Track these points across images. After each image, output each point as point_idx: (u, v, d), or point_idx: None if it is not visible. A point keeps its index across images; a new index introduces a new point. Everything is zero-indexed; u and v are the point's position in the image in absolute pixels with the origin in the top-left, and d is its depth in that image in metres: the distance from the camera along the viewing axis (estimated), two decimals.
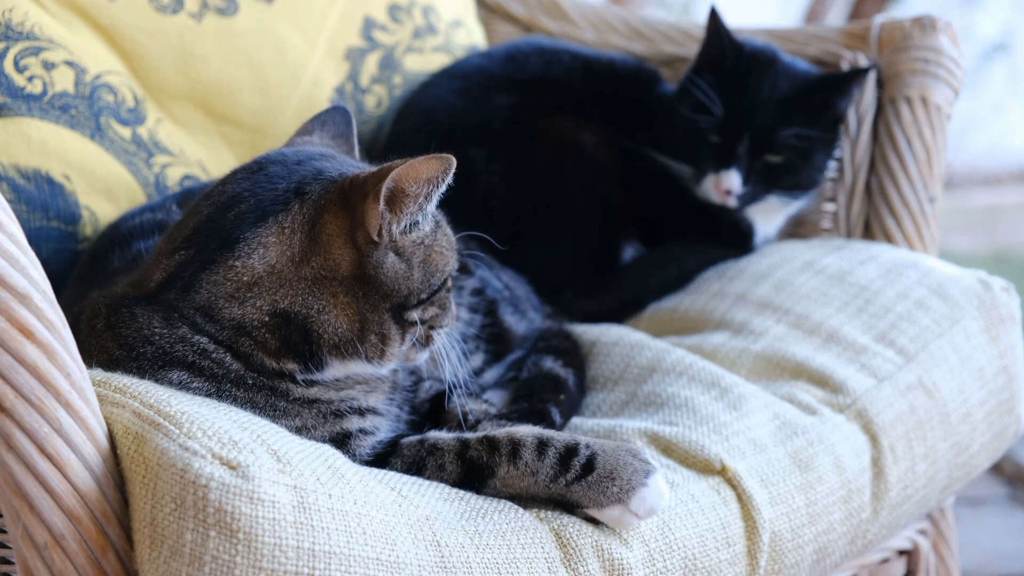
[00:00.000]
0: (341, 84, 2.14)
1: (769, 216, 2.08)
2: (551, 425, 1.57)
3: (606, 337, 1.83)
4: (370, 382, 1.46)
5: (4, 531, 1.25)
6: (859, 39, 2.16)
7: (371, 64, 2.18)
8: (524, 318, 1.81)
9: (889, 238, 2.07)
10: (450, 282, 1.45)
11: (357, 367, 1.41)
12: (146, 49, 1.92)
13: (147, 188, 1.87)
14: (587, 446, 1.38)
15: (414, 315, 1.40)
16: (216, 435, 1.21)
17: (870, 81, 2.10)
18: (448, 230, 1.45)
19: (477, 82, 2.10)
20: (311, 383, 1.40)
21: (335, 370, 1.40)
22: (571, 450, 1.37)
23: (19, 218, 1.36)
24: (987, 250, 4.99)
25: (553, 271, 2.00)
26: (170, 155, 1.92)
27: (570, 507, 1.39)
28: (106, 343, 1.38)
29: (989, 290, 1.89)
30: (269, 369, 1.38)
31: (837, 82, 2.02)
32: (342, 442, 1.40)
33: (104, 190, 1.82)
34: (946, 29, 2.10)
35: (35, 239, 1.71)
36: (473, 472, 1.39)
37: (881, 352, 1.77)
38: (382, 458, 1.43)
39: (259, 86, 2.03)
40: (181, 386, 1.34)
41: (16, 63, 1.76)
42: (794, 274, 1.92)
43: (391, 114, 2.17)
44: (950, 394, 1.77)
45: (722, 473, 1.53)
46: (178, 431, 1.22)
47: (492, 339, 1.74)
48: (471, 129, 2.04)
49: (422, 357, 1.47)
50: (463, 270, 1.72)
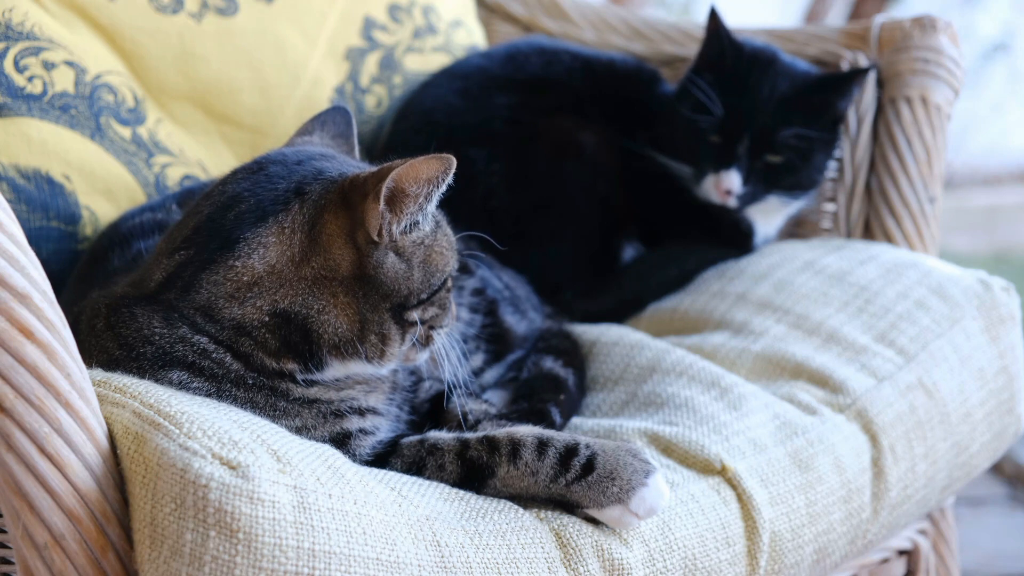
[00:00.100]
0: (341, 84, 2.14)
1: (769, 216, 2.08)
2: (551, 425, 1.57)
3: (606, 337, 1.83)
4: (370, 382, 1.46)
5: (4, 531, 1.25)
6: (859, 39, 2.16)
7: (371, 64, 2.18)
8: (524, 318, 1.81)
9: (889, 238, 2.07)
10: (450, 282, 1.45)
11: (357, 367, 1.40)
12: (146, 49, 1.92)
13: (147, 188, 1.87)
14: (587, 446, 1.37)
15: (414, 315, 1.40)
16: (216, 435, 1.21)
17: (870, 81, 2.09)
18: (448, 230, 1.45)
19: (477, 82, 2.10)
20: (311, 383, 1.40)
21: (335, 370, 1.40)
22: (571, 450, 1.37)
23: (19, 218, 1.36)
24: (987, 250, 4.99)
25: (553, 271, 2.00)
26: (170, 155, 1.92)
27: (570, 507, 1.39)
28: (106, 343, 1.38)
29: (989, 290, 1.89)
30: (269, 369, 1.38)
31: (837, 82, 2.02)
32: (342, 442, 1.40)
33: (104, 190, 1.82)
34: (946, 29, 2.10)
35: (35, 239, 1.71)
36: (473, 472, 1.39)
37: (881, 352, 1.77)
38: (382, 458, 1.43)
39: (259, 86, 2.03)
40: (181, 386, 1.34)
41: (16, 63, 1.75)
42: (794, 274, 1.92)
43: (391, 114, 2.17)
44: (950, 394, 1.77)
45: (722, 473, 1.53)
46: (178, 431, 1.22)
47: (492, 339, 1.74)
48: (471, 129, 2.03)
49: (422, 357, 1.47)
50: (463, 270, 1.72)
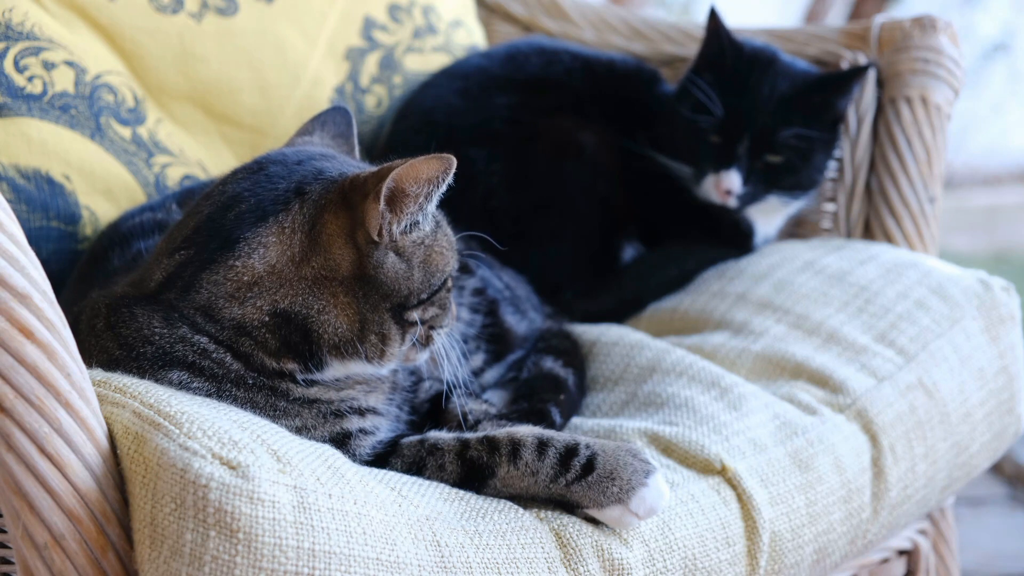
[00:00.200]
0: (341, 84, 2.14)
1: (769, 216, 2.08)
2: (551, 425, 1.57)
3: (606, 337, 1.83)
4: (370, 382, 1.46)
5: (4, 531, 1.25)
6: (859, 39, 2.16)
7: (371, 64, 2.18)
8: (525, 318, 1.81)
9: (889, 238, 2.07)
10: (450, 282, 1.45)
11: (357, 367, 1.40)
12: (146, 49, 1.92)
13: (147, 188, 1.87)
14: (587, 446, 1.37)
15: (414, 315, 1.40)
16: (216, 435, 1.21)
17: (870, 81, 2.09)
18: (448, 230, 1.45)
19: (477, 82, 2.10)
20: (311, 383, 1.40)
21: (335, 370, 1.40)
22: (571, 450, 1.37)
23: (19, 218, 1.36)
24: (987, 250, 4.99)
25: (553, 271, 2.00)
26: (170, 155, 1.92)
27: (570, 507, 1.39)
28: (106, 343, 1.38)
29: (989, 290, 1.89)
30: (269, 369, 1.37)
31: (837, 81, 2.02)
32: (342, 442, 1.40)
33: (104, 190, 1.82)
34: (946, 29, 2.10)
35: (35, 239, 1.71)
36: (473, 472, 1.39)
37: (881, 352, 1.77)
38: (382, 458, 1.43)
39: (259, 86, 2.03)
40: (181, 386, 1.34)
41: (16, 63, 1.75)
42: (794, 274, 1.92)
43: (391, 114, 2.17)
44: (950, 394, 1.77)
45: (722, 473, 1.53)
46: (178, 431, 1.22)
47: (492, 339, 1.74)
48: (471, 129, 2.03)
49: (422, 357, 1.47)
50: (464, 270, 1.72)
